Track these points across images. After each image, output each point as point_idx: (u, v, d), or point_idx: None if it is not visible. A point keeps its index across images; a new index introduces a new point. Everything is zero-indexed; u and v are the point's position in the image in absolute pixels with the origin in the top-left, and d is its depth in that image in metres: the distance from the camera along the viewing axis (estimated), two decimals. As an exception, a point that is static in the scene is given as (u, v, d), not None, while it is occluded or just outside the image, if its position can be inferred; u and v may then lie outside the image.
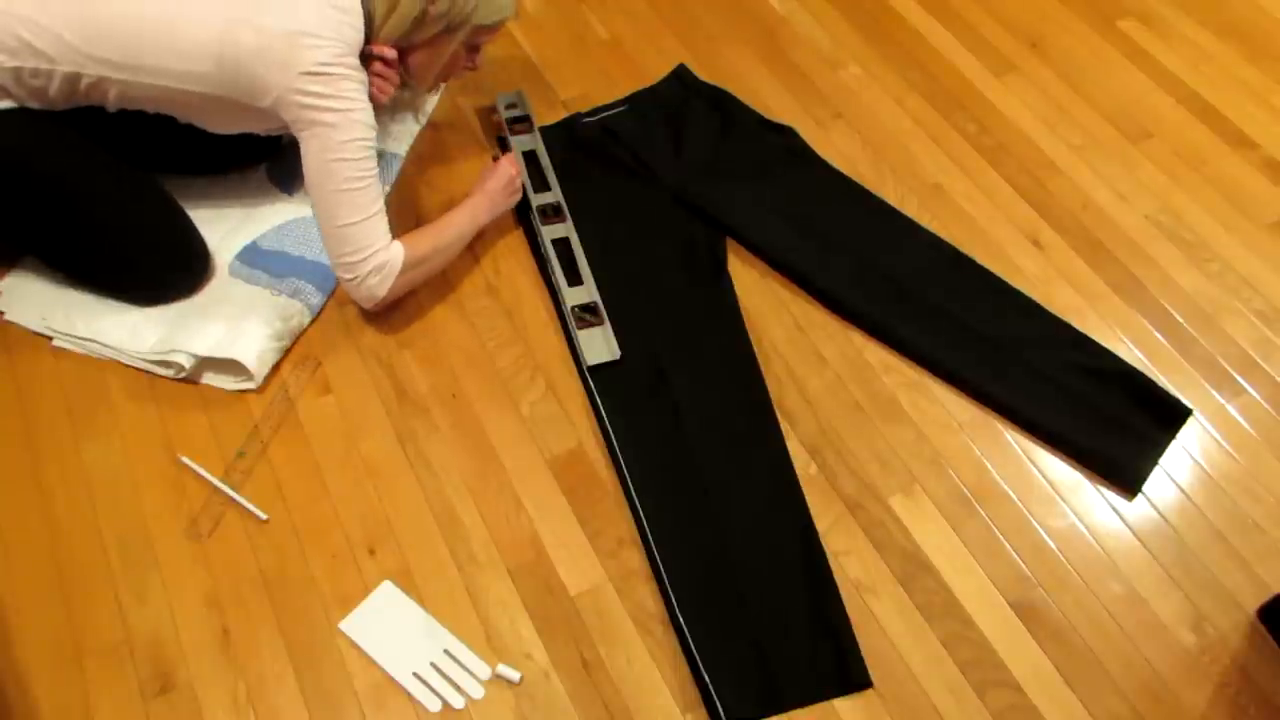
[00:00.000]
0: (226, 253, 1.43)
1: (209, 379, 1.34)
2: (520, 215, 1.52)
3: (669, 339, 1.38)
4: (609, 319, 1.38)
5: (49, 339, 1.37)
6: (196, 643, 1.14)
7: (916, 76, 1.74)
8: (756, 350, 1.38)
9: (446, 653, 1.14)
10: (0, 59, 1.14)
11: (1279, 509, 1.27)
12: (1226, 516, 1.26)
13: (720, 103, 1.65)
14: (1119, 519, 1.26)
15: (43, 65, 1.15)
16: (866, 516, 1.25)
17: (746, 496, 1.25)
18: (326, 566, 1.20)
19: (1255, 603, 1.19)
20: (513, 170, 1.45)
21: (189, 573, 1.19)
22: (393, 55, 1.28)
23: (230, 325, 1.33)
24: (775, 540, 1.21)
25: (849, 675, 1.12)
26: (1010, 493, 1.27)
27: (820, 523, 1.23)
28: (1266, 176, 1.61)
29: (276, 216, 1.47)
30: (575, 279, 1.43)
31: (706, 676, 1.11)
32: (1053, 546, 1.23)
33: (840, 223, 1.50)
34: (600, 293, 1.41)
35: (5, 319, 1.38)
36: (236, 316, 1.34)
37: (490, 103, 1.66)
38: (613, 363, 1.35)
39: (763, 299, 1.44)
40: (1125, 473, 1.29)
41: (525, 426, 1.32)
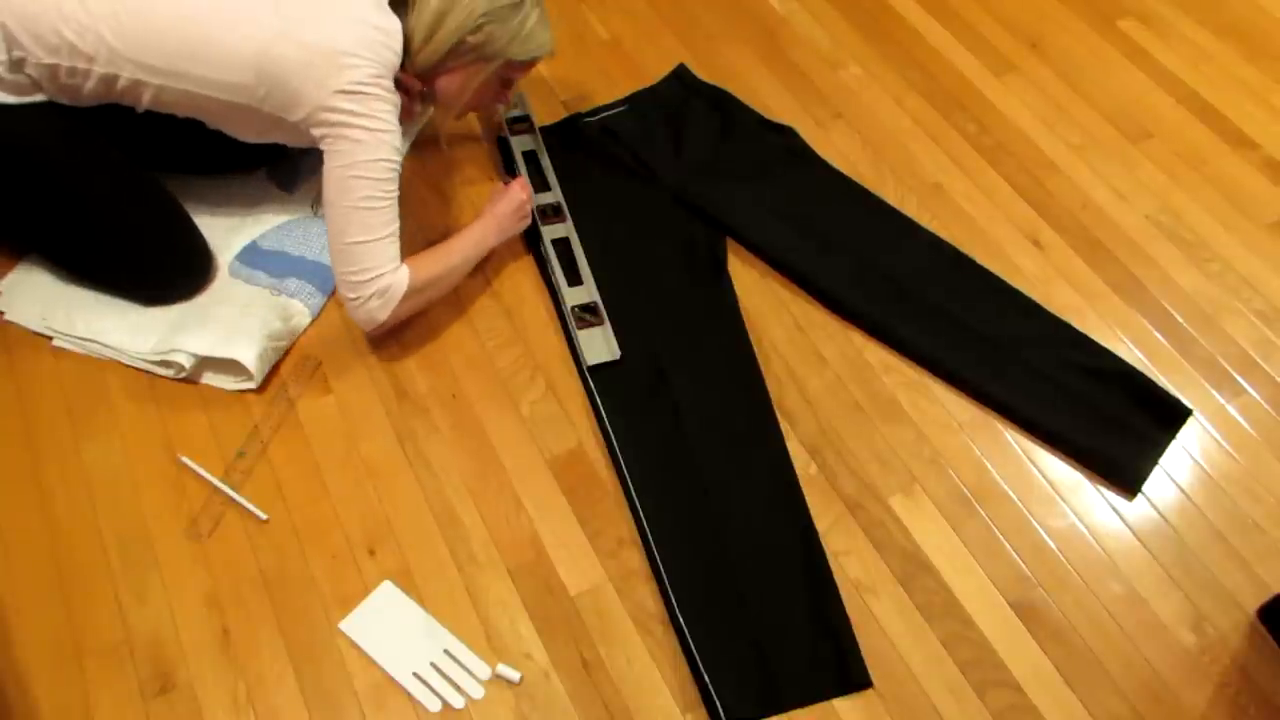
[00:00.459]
0: (227, 253, 1.44)
1: (209, 379, 1.34)
2: (529, 242, 1.49)
3: (669, 339, 1.38)
4: (609, 319, 1.38)
5: (49, 339, 1.37)
6: (196, 643, 1.14)
7: (916, 76, 1.74)
8: (756, 350, 1.38)
9: (446, 653, 1.14)
10: (39, 54, 1.14)
11: (1279, 509, 1.27)
12: (1226, 516, 1.26)
13: (720, 103, 1.65)
14: (1119, 519, 1.26)
15: (80, 65, 1.15)
16: (866, 516, 1.25)
17: (746, 496, 1.25)
18: (326, 566, 1.20)
19: (1255, 603, 1.19)
20: (523, 195, 1.42)
21: (189, 573, 1.19)
22: (419, 88, 1.29)
23: (230, 325, 1.33)
24: (775, 540, 1.21)
25: (849, 675, 1.12)
26: (1010, 493, 1.27)
27: (820, 523, 1.23)
28: (1266, 176, 1.61)
29: (277, 216, 1.48)
30: (575, 279, 1.43)
31: (706, 676, 1.11)
32: (1053, 546, 1.23)
33: (840, 223, 1.50)
34: (600, 293, 1.41)
35: (5, 319, 1.38)
36: (236, 316, 1.34)
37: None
38: (613, 363, 1.35)
39: (763, 299, 1.44)
40: (1125, 473, 1.29)
41: (525, 426, 1.32)
